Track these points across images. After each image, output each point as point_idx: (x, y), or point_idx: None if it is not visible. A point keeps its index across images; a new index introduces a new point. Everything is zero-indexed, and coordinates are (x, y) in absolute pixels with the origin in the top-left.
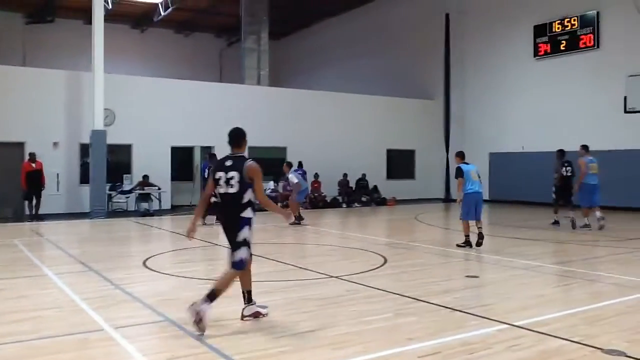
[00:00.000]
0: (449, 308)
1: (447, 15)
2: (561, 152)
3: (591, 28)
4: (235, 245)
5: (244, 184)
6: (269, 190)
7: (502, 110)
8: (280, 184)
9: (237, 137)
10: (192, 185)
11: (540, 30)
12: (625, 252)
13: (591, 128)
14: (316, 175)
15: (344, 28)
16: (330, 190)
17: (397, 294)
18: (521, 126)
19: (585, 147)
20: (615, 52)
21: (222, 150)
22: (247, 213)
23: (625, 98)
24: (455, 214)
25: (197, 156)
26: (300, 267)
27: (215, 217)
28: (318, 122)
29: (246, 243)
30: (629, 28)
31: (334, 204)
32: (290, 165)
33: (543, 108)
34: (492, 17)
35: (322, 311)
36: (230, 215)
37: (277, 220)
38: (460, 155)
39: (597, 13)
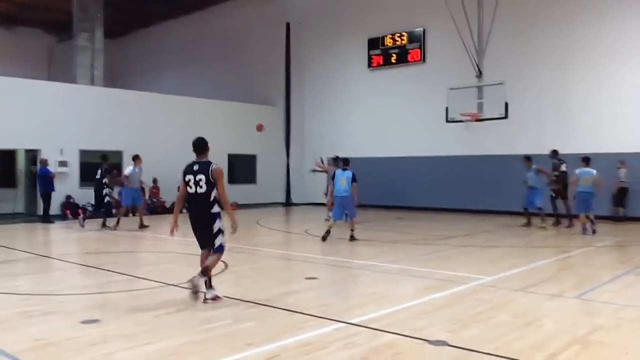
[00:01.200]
0: (289, 310)
1: (287, 25)
2: (555, 152)
3: (418, 44)
4: (211, 236)
5: (211, 184)
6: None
7: (339, 117)
8: (116, 190)
9: (200, 145)
10: (15, 192)
11: (374, 43)
12: (447, 250)
13: (418, 135)
14: (154, 181)
15: (185, 30)
16: (169, 195)
17: (238, 299)
18: (356, 132)
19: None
20: (439, 67)
21: (49, 153)
22: (216, 208)
23: (447, 109)
24: (296, 218)
25: (20, 160)
26: (137, 277)
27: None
28: (157, 126)
29: (221, 231)
30: (451, 45)
31: (172, 209)
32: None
33: (376, 116)
34: (329, 29)
35: (159, 321)
36: (203, 212)
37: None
38: (345, 162)
39: (424, 30)
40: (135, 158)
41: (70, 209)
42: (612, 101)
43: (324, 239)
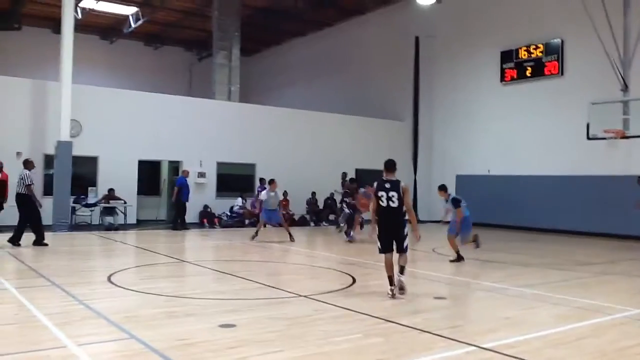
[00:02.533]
0: (418, 329)
1: (416, 38)
2: None
3: (556, 55)
4: (401, 239)
5: (401, 199)
6: (237, 207)
7: (469, 133)
8: (249, 201)
9: (391, 165)
10: (159, 200)
11: (507, 56)
12: (587, 277)
13: (554, 153)
14: (285, 193)
15: (314, 46)
16: (298, 208)
17: (366, 314)
18: (487, 149)
19: None
20: (578, 80)
21: (189, 165)
22: (404, 218)
23: (587, 125)
24: (423, 236)
25: (164, 170)
26: (268, 285)
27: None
28: (288, 140)
29: (407, 235)
30: (592, 56)
31: (302, 222)
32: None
33: (508, 132)
34: (460, 42)
35: (290, 330)
36: (395, 221)
37: (244, 237)
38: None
39: (562, 41)
40: (272, 182)
41: (207, 218)
42: None
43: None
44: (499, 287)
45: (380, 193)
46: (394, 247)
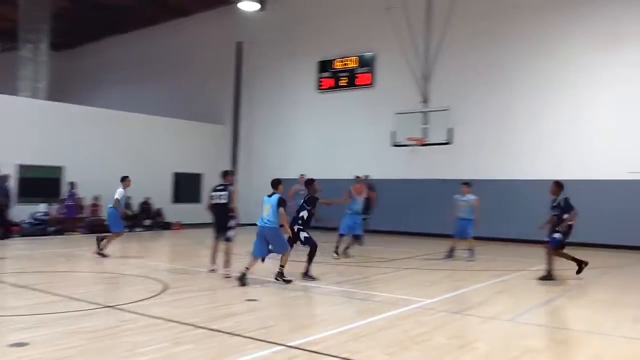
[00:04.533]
0: (228, 333)
1: (238, 44)
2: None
3: (368, 68)
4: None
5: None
6: (40, 214)
7: (287, 138)
8: (55, 207)
9: (228, 173)
10: None
11: (324, 66)
12: (389, 272)
13: (365, 158)
14: (95, 198)
15: (135, 45)
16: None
17: (176, 322)
18: (304, 154)
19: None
20: (387, 91)
21: None
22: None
23: (392, 133)
24: (240, 239)
25: None
26: (71, 298)
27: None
28: (101, 142)
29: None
30: (399, 70)
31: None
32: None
33: (324, 138)
34: (281, 49)
35: (91, 345)
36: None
37: (48, 246)
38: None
39: (374, 55)
40: (124, 180)
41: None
42: (553, 130)
43: (241, 281)
44: (311, 286)
45: (213, 194)
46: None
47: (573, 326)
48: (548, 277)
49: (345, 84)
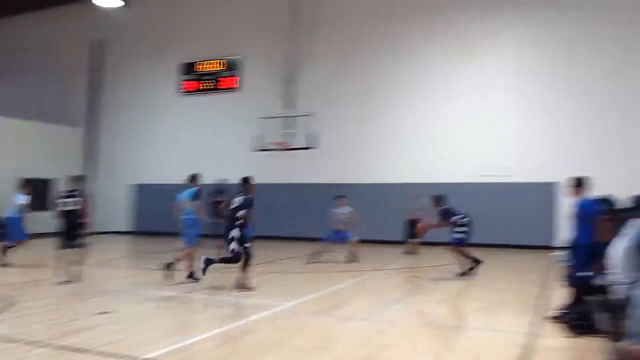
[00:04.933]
0: (76, 349)
1: (96, 42)
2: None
3: (234, 71)
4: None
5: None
6: None
7: (148, 142)
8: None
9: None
10: None
11: (188, 68)
12: (251, 277)
13: (231, 163)
14: None
15: None
16: None
17: (19, 341)
18: (165, 159)
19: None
20: (253, 95)
21: None
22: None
23: (257, 137)
24: (96, 247)
25: None
26: None
27: None
28: None
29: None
30: (265, 75)
31: None
32: None
33: (188, 142)
34: (142, 50)
35: None
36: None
37: None
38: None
39: (240, 59)
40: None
41: None
42: (412, 135)
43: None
44: (168, 295)
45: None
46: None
47: (424, 321)
48: (468, 271)
49: (209, 87)
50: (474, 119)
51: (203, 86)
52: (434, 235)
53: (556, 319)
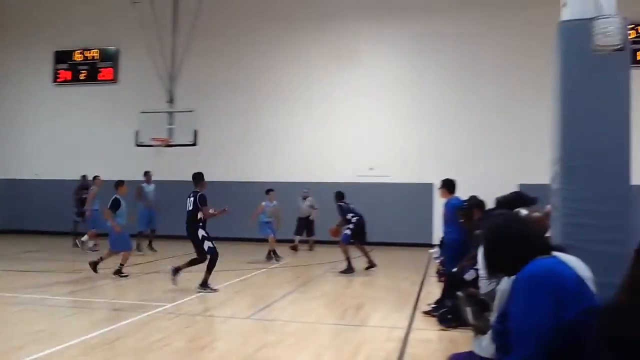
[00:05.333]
0: None
1: None
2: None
3: (111, 62)
4: None
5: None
6: None
7: (19, 134)
8: None
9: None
10: None
11: (62, 57)
12: (130, 277)
13: (109, 157)
14: None
15: None
16: None
17: None
18: (37, 152)
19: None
20: (132, 89)
21: None
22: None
23: (137, 132)
24: None
25: None
26: None
27: None
28: None
29: None
30: (144, 69)
31: None
32: None
33: (64, 135)
34: (11, 35)
35: None
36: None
37: None
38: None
39: (118, 50)
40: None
41: None
42: (290, 134)
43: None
44: (37, 298)
45: None
46: None
47: (304, 319)
48: (349, 269)
49: (85, 78)
50: (354, 121)
51: (79, 76)
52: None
53: (428, 313)
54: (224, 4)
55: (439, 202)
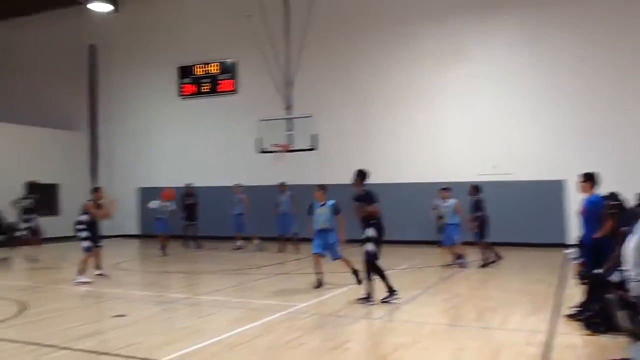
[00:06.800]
0: (94, 352)
1: (92, 47)
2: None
3: (230, 74)
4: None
5: None
6: None
7: (149, 145)
8: None
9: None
10: None
11: (185, 71)
12: (261, 278)
13: (231, 165)
14: None
15: None
16: None
17: (37, 344)
18: (168, 161)
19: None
20: (250, 98)
21: None
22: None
23: (257, 140)
24: (105, 252)
25: None
26: None
27: None
28: None
29: None
30: (261, 77)
31: None
32: None
33: (188, 145)
34: (139, 54)
35: None
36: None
37: None
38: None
39: (236, 62)
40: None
41: None
42: (409, 136)
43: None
44: (181, 298)
45: None
46: None
47: (437, 320)
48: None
49: (207, 91)
50: (470, 118)
51: (202, 89)
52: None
53: (572, 317)
54: (334, 8)
55: (571, 200)
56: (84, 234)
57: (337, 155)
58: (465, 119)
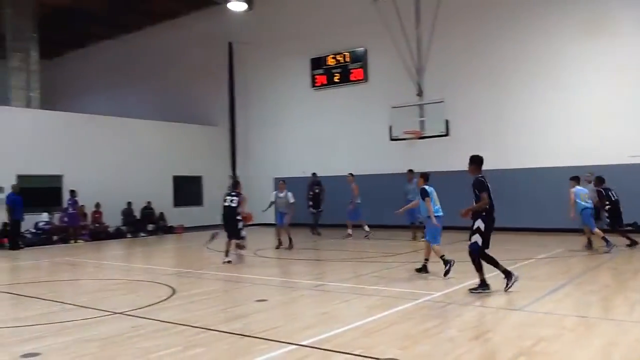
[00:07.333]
0: (238, 334)
1: (230, 44)
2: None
3: (361, 63)
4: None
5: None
6: (42, 223)
7: (284, 136)
8: (57, 216)
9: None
10: None
11: (317, 62)
12: (395, 267)
13: (362, 153)
14: (97, 205)
15: (123, 50)
16: (113, 220)
17: (186, 325)
18: (301, 151)
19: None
20: (381, 85)
21: None
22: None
23: (390, 127)
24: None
25: None
26: (79, 306)
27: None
28: (97, 148)
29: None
30: (392, 64)
31: (117, 234)
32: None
33: (320, 135)
34: (273, 48)
35: (104, 352)
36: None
37: (51, 255)
38: (425, 177)
39: (366, 50)
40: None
41: (8, 237)
42: (545, 118)
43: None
44: (317, 284)
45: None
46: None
47: (583, 313)
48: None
49: (338, 80)
50: (613, 97)
51: (333, 79)
52: None
53: None
54: None
55: None
56: (241, 224)
57: (469, 140)
58: (611, 96)
